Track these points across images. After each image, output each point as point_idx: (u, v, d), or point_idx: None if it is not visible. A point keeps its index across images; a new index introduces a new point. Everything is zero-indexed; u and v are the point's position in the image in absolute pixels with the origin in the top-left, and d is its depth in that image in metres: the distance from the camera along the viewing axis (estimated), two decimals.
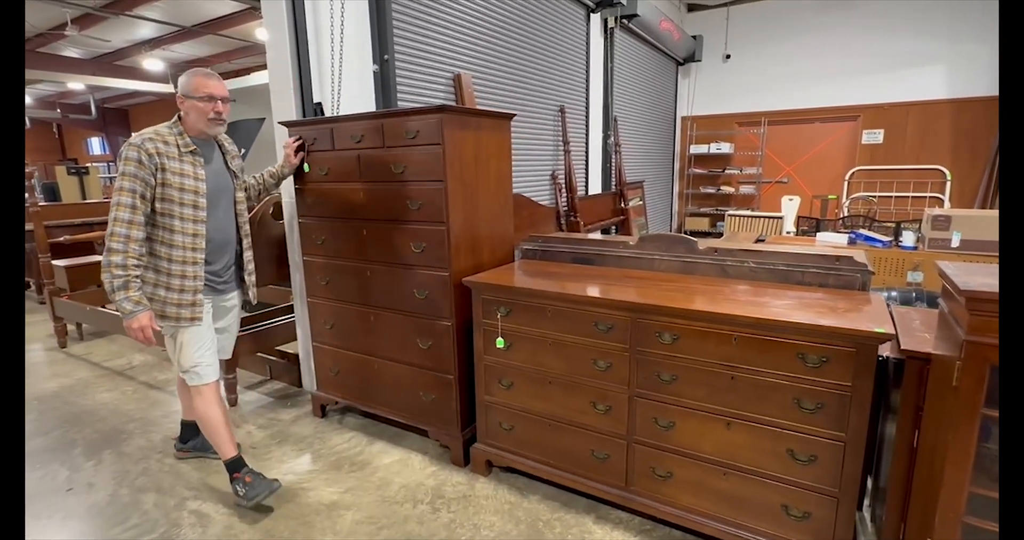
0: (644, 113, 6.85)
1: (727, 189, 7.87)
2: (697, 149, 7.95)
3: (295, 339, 3.19)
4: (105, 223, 5.63)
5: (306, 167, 2.50)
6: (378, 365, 2.54)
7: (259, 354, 3.31)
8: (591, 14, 5.24)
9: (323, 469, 2.38)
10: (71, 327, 4.19)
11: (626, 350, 1.86)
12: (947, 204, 6.89)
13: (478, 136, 2.28)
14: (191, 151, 1.98)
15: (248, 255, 2.24)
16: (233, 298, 2.26)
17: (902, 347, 1.44)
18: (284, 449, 2.55)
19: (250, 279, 2.26)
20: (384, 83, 3.07)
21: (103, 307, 3.73)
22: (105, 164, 13.54)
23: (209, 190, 2.02)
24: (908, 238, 3.28)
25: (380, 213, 2.34)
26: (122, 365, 3.67)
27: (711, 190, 7.97)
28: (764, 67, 7.51)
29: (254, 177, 2.44)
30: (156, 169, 1.89)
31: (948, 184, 6.80)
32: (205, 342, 2.10)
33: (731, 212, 5.80)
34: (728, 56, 7.70)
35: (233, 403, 3.01)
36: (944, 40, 6.44)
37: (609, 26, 5.49)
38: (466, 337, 2.30)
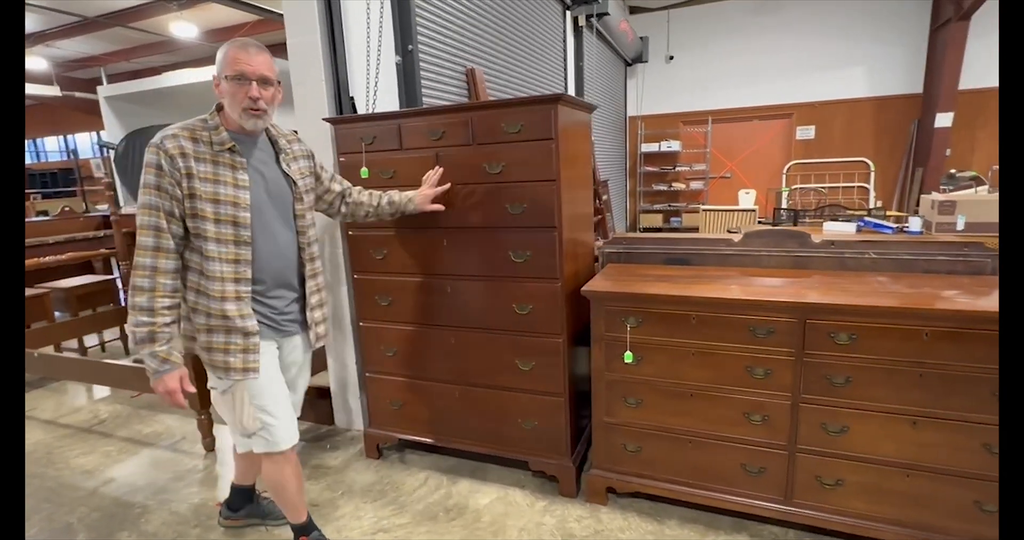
0: (602, 112, 6.87)
1: (678, 186, 8.12)
2: (648, 147, 8.13)
3: (321, 370, 2.77)
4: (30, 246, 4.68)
5: (364, 172, 2.14)
6: (460, 393, 2.23)
7: None
8: (566, 11, 5.15)
9: (416, 521, 2.04)
10: None
11: (791, 354, 1.73)
12: (872, 192, 7.57)
13: (575, 130, 2.06)
14: (228, 149, 1.51)
15: (313, 284, 1.72)
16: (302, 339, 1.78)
17: None
18: (354, 502, 2.17)
19: (313, 315, 1.73)
20: (407, 75, 2.77)
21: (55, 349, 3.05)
22: None
23: (255, 202, 1.55)
24: (915, 223, 3.46)
25: (468, 219, 2.04)
26: (87, 420, 3.00)
27: (663, 187, 8.19)
28: (705, 68, 7.84)
29: (370, 194, 1.98)
30: (182, 175, 1.45)
31: (872, 174, 7.47)
32: (273, 396, 1.63)
33: (704, 207, 5.95)
34: (671, 57, 7.96)
35: None
36: (866, 42, 7.05)
37: (579, 24, 5.43)
38: (576, 354, 2.07)
